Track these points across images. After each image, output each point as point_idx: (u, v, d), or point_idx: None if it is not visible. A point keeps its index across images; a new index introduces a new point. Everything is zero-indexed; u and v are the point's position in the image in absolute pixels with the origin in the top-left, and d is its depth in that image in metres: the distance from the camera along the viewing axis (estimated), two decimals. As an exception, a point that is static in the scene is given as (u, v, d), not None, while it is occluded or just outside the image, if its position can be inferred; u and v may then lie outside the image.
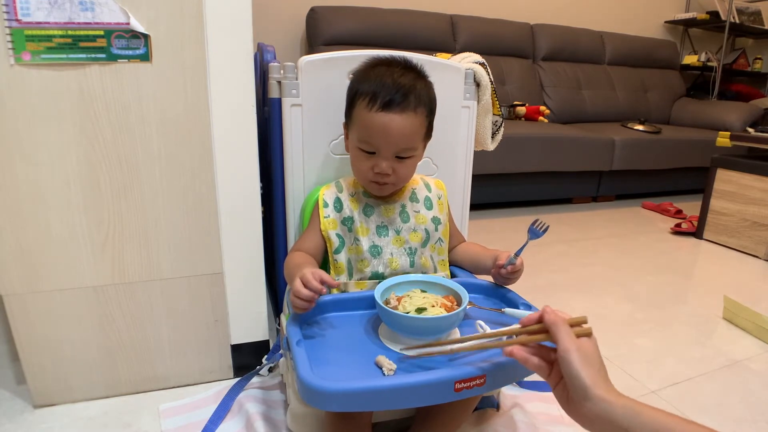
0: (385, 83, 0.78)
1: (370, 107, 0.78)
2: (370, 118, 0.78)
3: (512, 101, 2.77)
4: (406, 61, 0.84)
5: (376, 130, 0.78)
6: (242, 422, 0.91)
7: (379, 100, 0.77)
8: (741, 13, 3.59)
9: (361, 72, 0.84)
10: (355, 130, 0.81)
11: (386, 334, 0.74)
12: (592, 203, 2.77)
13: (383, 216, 0.86)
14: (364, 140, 0.80)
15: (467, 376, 0.62)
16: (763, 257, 1.96)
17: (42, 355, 0.92)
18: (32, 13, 0.76)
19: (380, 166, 0.80)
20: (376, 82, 0.78)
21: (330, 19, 2.52)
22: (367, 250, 0.84)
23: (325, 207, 0.87)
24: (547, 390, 1.04)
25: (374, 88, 0.78)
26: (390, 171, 0.80)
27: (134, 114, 0.86)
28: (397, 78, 0.79)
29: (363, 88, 0.79)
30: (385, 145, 0.79)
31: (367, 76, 0.81)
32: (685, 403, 1.03)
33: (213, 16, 0.86)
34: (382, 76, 0.79)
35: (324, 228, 0.85)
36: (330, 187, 0.89)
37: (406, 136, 0.79)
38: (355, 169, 0.85)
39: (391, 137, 0.78)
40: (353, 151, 0.83)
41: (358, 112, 0.80)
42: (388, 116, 0.77)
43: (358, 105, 0.80)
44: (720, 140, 2.16)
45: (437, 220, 0.89)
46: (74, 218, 0.87)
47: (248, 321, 1.05)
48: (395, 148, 0.79)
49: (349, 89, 0.84)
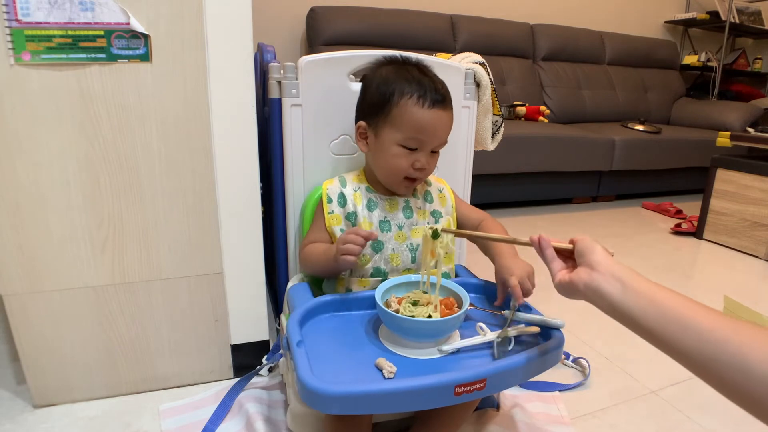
0: (424, 81, 0.81)
1: (421, 104, 0.80)
2: (423, 115, 0.80)
3: (512, 101, 2.77)
4: (419, 61, 0.88)
5: (428, 126, 0.81)
6: (242, 422, 0.91)
7: (429, 97, 0.80)
8: (741, 13, 3.59)
9: (382, 72, 0.85)
10: (398, 128, 0.81)
11: (387, 336, 0.74)
12: (592, 203, 2.77)
13: (387, 211, 0.87)
14: (411, 137, 0.81)
15: (467, 380, 0.62)
16: (763, 257, 1.96)
17: (42, 355, 0.92)
18: (32, 13, 0.76)
19: (421, 161, 0.82)
20: (415, 82, 0.81)
21: (330, 19, 2.51)
22: (369, 246, 0.84)
23: (329, 203, 0.87)
24: (547, 390, 1.04)
25: (419, 87, 0.80)
26: (427, 165, 0.83)
27: (134, 114, 0.86)
28: (432, 76, 0.83)
29: (403, 86, 0.81)
30: (432, 140, 0.82)
31: (396, 75, 0.82)
32: (685, 403, 1.03)
33: (213, 16, 0.86)
34: (414, 75, 0.82)
35: (329, 224, 0.86)
36: (333, 182, 0.89)
37: (447, 132, 0.84)
38: (389, 167, 0.84)
39: (439, 132, 0.82)
40: (391, 149, 0.82)
41: (404, 110, 0.80)
42: (438, 113, 0.81)
43: (402, 104, 0.80)
44: (720, 140, 2.16)
45: (438, 214, 0.90)
46: (74, 218, 0.87)
47: (248, 321, 1.05)
48: (438, 143, 0.83)
49: (377, 90, 0.83)
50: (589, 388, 1.07)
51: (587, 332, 1.30)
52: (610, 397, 1.04)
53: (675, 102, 3.46)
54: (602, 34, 3.26)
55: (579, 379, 1.09)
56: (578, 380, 1.09)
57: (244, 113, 0.93)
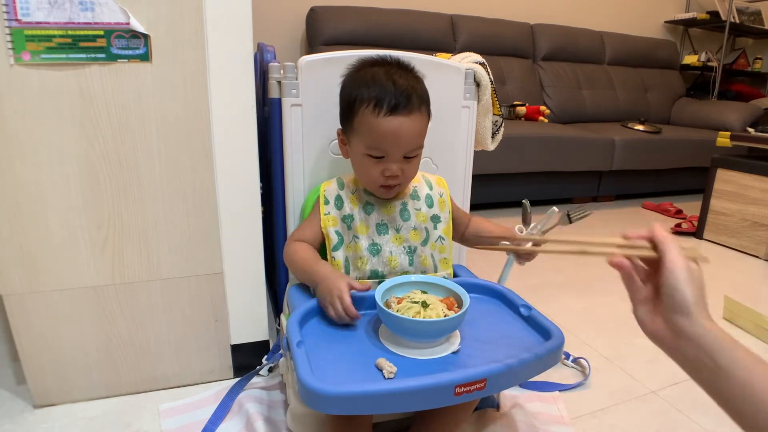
0: (386, 86, 0.76)
1: (377, 113, 0.76)
2: (378, 124, 0.76)
3: (512, 101, 2.77)
4: (398, 61, 0.83)
5: (386, 135, 0.77)
6: (242, 422, 0.91)
7: (385, 104, 0.75)
8: (741, 13, 3.59)
9: (353, 76, 0.82)
10: (361, 137, 0.79)
11: (387, 336, 0.74)
12: (592, 203, 2.77)
13: (384, 214, 0.86)
14: (373, 146, 0.78)
15: (467, 380, 0.62)
16: (763, 257, 1.96)
17: (42, 355, 0.92)
18: (32, 13, 0.76)
19: (391, 169, 0.79)
20: (376, 86, 0.77)
21: (330, 19, 2.51)
22: (366, 249, 0.84)
23: (326, 204, 0.86)
24: (547, 390, 1.04)
25: (376, 93, 0.76)
26: (399, 173, 0.80)
27: (134, 114, 0.86)
28: (396, 79, 0.77)
29: (363, 93, 0.77)
30: (395, 149, 0.78)
31: (362, 80, 0.79)
32: (685, 403, 1.03)
33: (213, 16, 0.86)
34: (379, 78, 0.78)
35: (324, 225, 0.85)
36: (331, 184, 0.88)
37: (415, 137, 0.79)
38: (362, 176, 0.84)
39: (402, 141, 0.77)
40: (359, 159, 0.81)
41: (363, 119, 0.78)
42: (397, 120, 0.76)
43: (361, 112, 0.77)
44: (720, 140, 2.16)
45: (437, 218, 0.89)
46: (74, 218, 0.87)
47: (248, 321, 1.05)
48: (405, 151, 0.79)
49: (344, 95, 0.81)
50: (589, 388, 1.07)
51: (587, 332, 1.30)
52: (610, 397, 1.04)
53: (675, 102, 3.46)
54: (602, 34, 3.26)
55: (579, 379, 1.09)
56: (578, 380, 1.09)
57: (244, 113, 0.93)
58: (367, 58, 0.85)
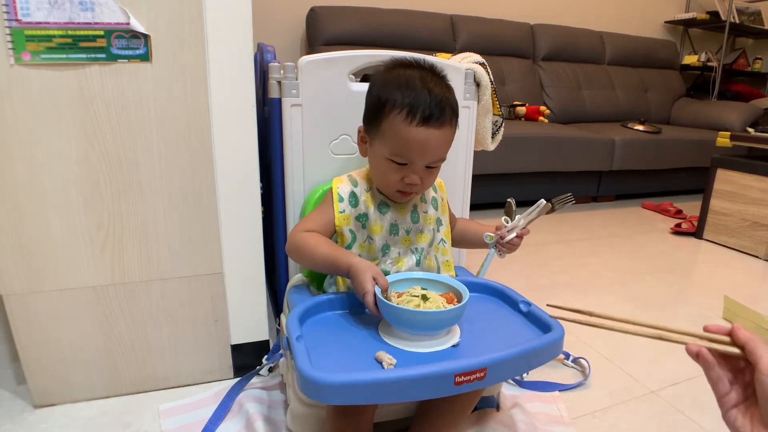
0: (421, 94, 0.74)
1: (409, 121, 0.73)
2: (408, 132, 0.74)
3: (512, 101, 2.77)
4: (432, 67, 0.80)
5: (414, 145, 0.75)
6: (242, 422, 0.91)
7: (419, 114, 0.73)
8: (741, 13, 3.59)
9: (384, 75, 0.79)
10: (387, 142, 0.76)
11: (387, 331, 0.74)
12: (592, 203, 2.77)
13: (397, 214, 0.84)
14: (398, 154, 0.76)
15: (467, 369, 0.62)
16: (763, 257, 1.96)
17: (42, 355, 0.92)
18: (32, 13, 0.76)
19: (411, 177, 0.77)
20: (410, 92, 0.74)
21: (330, 19, 2.52)
22: (380, 249, 0.83)
23: (341, 201, 0.83)
24: (547, 390, 1.04)
25: (411, 100, 0.73)
26: (419, 181, 0.78)
27: (134, 114, 0.86)
28: (432, 88, 0.75)
29: (395, 97, 0.74)
30: (420, 159, 0.76)
31: (395, 82, 0.76)
32: (685, 403, 1.03)
33: (213, 16, 0.86)
34: (413, 84, 0.75)
35: (338, 224, 0.82)
36: (344, 181, 0.86)
37: (442, 149, 0.78)
38: (379, 178, 0.82)
39: (429, 152, 0.76)
40: (381, 162, 0.79)
41: (392, 124, 0.75)
42: (427, 131, 0.74)
43: (392, 117, 0.75)
44: (720, 140, 2.16)
45: (440, 221, 0.89)
46: (74, 218, 0.87)
47: (248, 321, 1.05)
48: (429, 161, 0.77)
49: (376, 96, 0.78)
50: (589, 388, 1.07)
51: (587, 332, 1.30)
52: (610, 397, 1.04)
53: (675, 102, 3.46)
54: (602, 34, 3.26)
55: (579, 379, 1.09)
56: (578, 380, 1.09)
57: (244, 113, 0.93)
58: (401, 58, 0.82)
